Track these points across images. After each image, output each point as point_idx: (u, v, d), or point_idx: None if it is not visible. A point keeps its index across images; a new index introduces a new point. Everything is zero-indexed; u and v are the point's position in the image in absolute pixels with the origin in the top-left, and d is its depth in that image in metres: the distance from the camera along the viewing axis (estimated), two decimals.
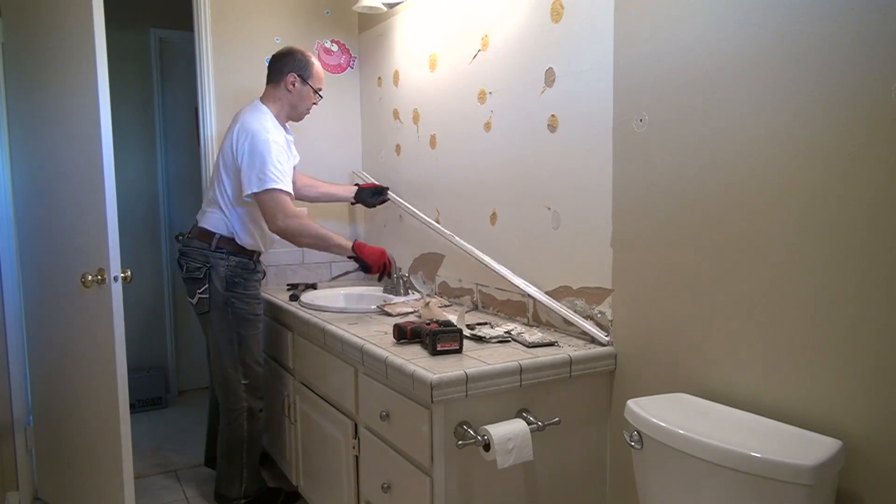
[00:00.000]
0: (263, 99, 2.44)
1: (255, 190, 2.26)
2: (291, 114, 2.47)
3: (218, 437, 2.53)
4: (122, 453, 2.14)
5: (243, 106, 2.45)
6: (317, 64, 2.46)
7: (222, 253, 2.36)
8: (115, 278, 2.09)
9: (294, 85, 2.41)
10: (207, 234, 2.38)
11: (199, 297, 2.35)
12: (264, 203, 2.28)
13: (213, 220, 2.40)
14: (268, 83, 2.45)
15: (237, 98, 2.89)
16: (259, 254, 2.50)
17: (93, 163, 2.11)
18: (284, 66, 2.40)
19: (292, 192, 2.34)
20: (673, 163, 1.57)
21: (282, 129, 2.43)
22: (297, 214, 2.33)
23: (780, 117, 1.33)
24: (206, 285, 2.34)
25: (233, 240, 2.39)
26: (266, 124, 2.33)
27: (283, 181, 2.28)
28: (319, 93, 2.48)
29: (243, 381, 2.42)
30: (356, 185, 2.85)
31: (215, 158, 2.49)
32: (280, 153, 2.30)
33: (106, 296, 2.11)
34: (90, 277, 2.11)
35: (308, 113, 2.52)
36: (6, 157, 2.53)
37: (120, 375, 2.12)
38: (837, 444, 1.23)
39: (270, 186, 2.25)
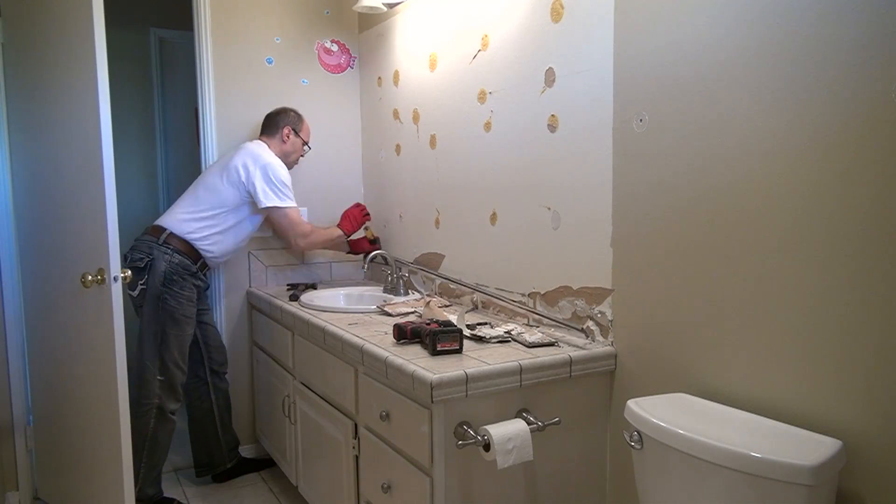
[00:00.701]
0: (262, 142, 2.74)
1: (277, 204, 2.61)
2: (284, 161, 2.73)
3: None
4: (122, 453, 2.14)
5: (243, 143, 2.74)
6: (305, 120, 2.82)
7: (168, 249, 2.51)
8: (115, 278, 2.09)
9: (289, 137, 2.75)
10: (159, 230, 2.56)
11: (140, 288, 2.47)
12: (281, 221, 2.67)
13: (170, 219, 2.58)
14: (263, 133, 2.77)
15: (237, 98, 2.89)
16: (205, 264, 2.65)
17: (93, 163, 2.11)
18: (280, 121, 2.75)
19: (296, 206, 2.72)
20: (673, 162, 1.57)
21: None
22: (305, 233, 2.73)
23: (780, 117, 1.34)
24: (146, 276, 2.47)
25: (183, 240, 2.55)
26: (271, 154, 2.69)
27: (294, 201, 2.68)
28: (307, 144, 2.82)
29: (158, 377, 2.48)
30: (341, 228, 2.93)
31: (203, 173, 2.76)
32: (288, 178, 2.69)
33: (106, 296, 2.11)
34: (90, 277, 2.11)
35: (296, 164, 2.84)
36: (6, 157, 2.53)
37: (120, 375, 2.12)
38: (837, 444, 1.23)
39: (288, 205, 2.64)
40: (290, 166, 2.77)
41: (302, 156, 2.84)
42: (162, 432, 2.53)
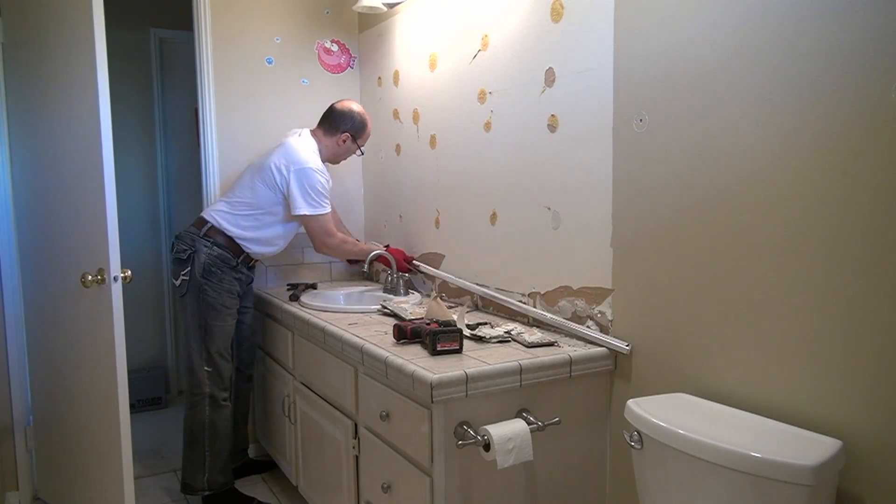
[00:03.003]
0: (314, 134, 2.66)
1: (307, 213, 2.54)
2: (332, 160, 2.71)
3: (183, 425, 2.57)
4: (122, 453, 2.14)
5: (293, 131, 2.68)
6: (369, 125, 2.71)
7: (208, 241, 2.49)
8: (115, 278, 2.09)
9: (345, 142, 2.65)
10: (201, 222, 2.55)
11: (182, 279, 2.47)
12: (311, 226, 2.59)
13: (212, 211, 2.57)
14: (320, 126, 2.67)
15: (237, 98, 2.89)
16: (249, 258, 2.62)
17: (93, 163, 2.11)
18: (342, 124, 2.63)
19: (331, 211, 2.66)
20: (673, 162, 1.57)
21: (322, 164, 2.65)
22: (335, 234, 2.65)
23: (780, 116, 1.34)
24: (189, 268, 2.46)
25: (223, 233, 2.52)
26: (316, 158, 2.60)
27: (327, 206, 2.60)
28: (362, 151, 2.74)
29: (206, 368, 2.49)
30: (386, 246, 2.84)
31: (246, 167, 2.69)
32: (324, 183, 2.60)
33: (106, 296, 2.11)
34: (90, 277, 2.11)
35: (344, 160, 2.79)
36: (6, 157, 2.53)
37: (120, 375, 2.12)
38: (837, 444, 1.23)
39: (318, 213, 2.57)
40: (335, 162, 2.76)
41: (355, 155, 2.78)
42: (219, 419, 2.53)
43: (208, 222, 2.53)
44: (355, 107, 2.68)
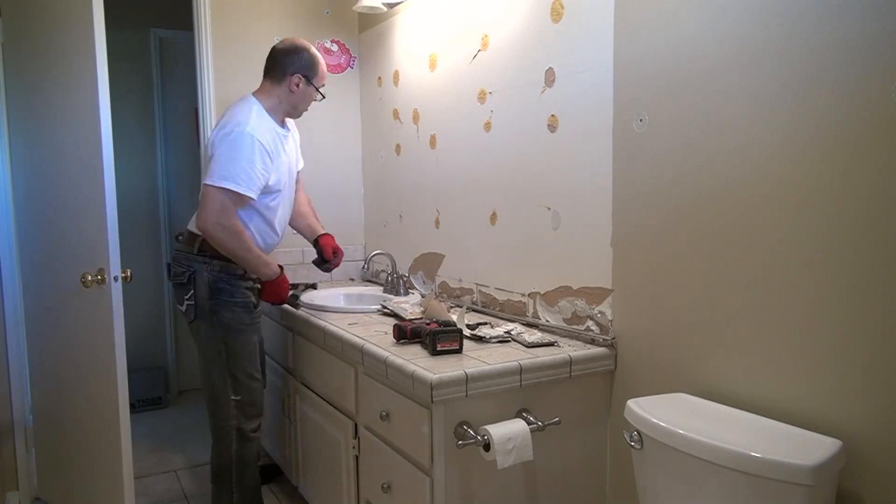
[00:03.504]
0: (258, 93, 2.27)
1: (212, 182, 2.04)
2: (291, 112, 2.32)
3: (210, 456, 2.33)
4: (122, 453, 2.14)
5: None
6: (322, 62, 2.30)
7: (204, 257, 2.16)
8: (115, 278, 2.09)
9: (298, 86, 2.24)
10: (192, 237, 2.20)
11: (187, 304, 2.18)
12: (210, 197, 2.05)
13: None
14: (266, 77, 2.27)
15: (237, 98, 2.88)
16: None
17: (93, 163, 2.11)
18: (289, 66, 2.22)
19: (253, 196, 2.12)
20: (673, 162, 1.57)
21: (272, 124, 2.22)
22: (234, 225, 2.10)
23: (780, 116, 1.34)
24: (192, 291, 2.17)
25: None
26: (251, 117, 2.14)
27: (243, 184, 2.07)
28: (321, 90, 2.32)
29: (233, 398, 2.20)
30: (324, 234, 2.55)
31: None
32: (258, 154, 2.10)
33: (106, 296, 2.11)
34: (90, 277, 2.11)
35: (307, 110, 2.38)
36: (6, 157, 2.53)
37: (120, 375, 2.12)
38: (837, 444, 1.23)
39: (228, 186, 2.05)
40: (297, 116, 2.36)
41: (315, 100, 2.35)
42: (247, 453, 2.27)
43: (196, 234, 2.17)
44: (300, 42, 2.27)
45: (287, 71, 2.23)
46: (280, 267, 2.28)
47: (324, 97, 2.36)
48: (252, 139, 2.09)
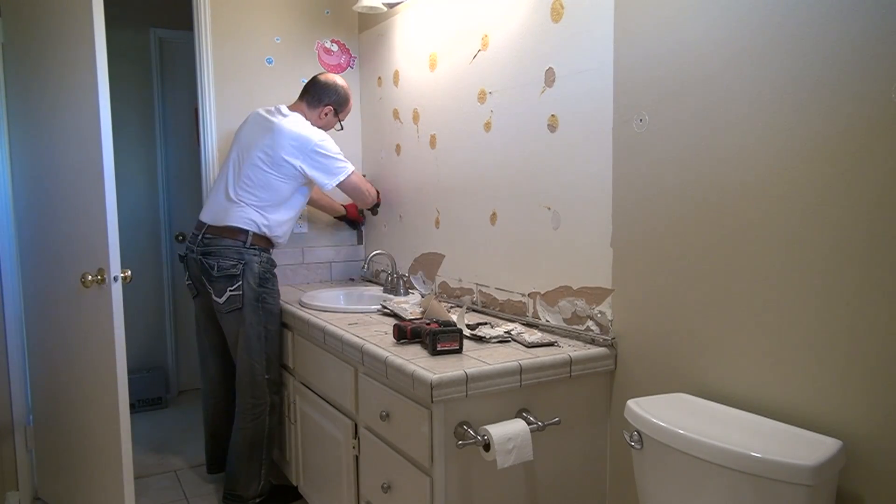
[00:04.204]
0: (296, 108, 2.60)
1: (343, 177, 2.54)
2: None
3: (233, 437, 2.51)
4: (122, 453, 2.14)
5: (268, 110, 2.56)
6: (351, 102, 2.70)
7: (256, 250, 2.45)
8: (115, 278, 2.09)
9: (327, 115, 2.62)
10: (240, 232, 2.45)
11: (231, 294, 2.40)
12: (352, 186, 2.61)
13: (244, 218, 2.46)
14: (302, 99, 2.62)
15: (237, 98, 2.89)
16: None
17: (93, 163, 2.11)
18: (326, 97, 2.61)
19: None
20: (673, 163, 1.57)
21: None
22: (372, 188, 2.80)
23: (781, 117, 1.34)
24: (240, 282, 2.40)
25: (264, 237, 2.49)
26: (314, 128, 2.55)
27: (350, 165, 2.58)
28: (341, 123, 2.70)
29: (266, 377, 2.48)
30: (344, 206, 3.04)
31: (235, 159, 2.52)
32: (333, 147, 2.55)
33: (106, 296, 2.11)
34: (90, 277, 2.11)
35: None
36: (6, 157, 2.53)
37: (120, 375, 2.12)
38: (837, 444, 1.23)
39: (349, 174, 2.56)
40: None
41: (335, 130, 2.73)
42: (275, 426, 2.56)
43: (246, 230, 2.44)
44: (339, 80, 2.65)
45: (322, 101, 2.61)
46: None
47: (342, 129, 2.73)
48: (322, 138, 2.52)
